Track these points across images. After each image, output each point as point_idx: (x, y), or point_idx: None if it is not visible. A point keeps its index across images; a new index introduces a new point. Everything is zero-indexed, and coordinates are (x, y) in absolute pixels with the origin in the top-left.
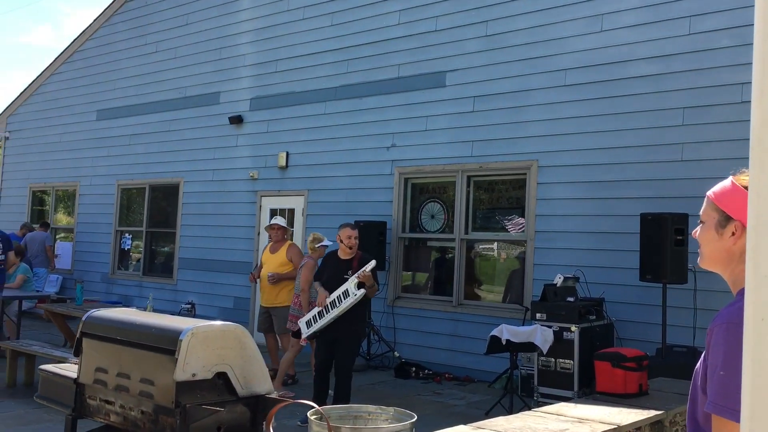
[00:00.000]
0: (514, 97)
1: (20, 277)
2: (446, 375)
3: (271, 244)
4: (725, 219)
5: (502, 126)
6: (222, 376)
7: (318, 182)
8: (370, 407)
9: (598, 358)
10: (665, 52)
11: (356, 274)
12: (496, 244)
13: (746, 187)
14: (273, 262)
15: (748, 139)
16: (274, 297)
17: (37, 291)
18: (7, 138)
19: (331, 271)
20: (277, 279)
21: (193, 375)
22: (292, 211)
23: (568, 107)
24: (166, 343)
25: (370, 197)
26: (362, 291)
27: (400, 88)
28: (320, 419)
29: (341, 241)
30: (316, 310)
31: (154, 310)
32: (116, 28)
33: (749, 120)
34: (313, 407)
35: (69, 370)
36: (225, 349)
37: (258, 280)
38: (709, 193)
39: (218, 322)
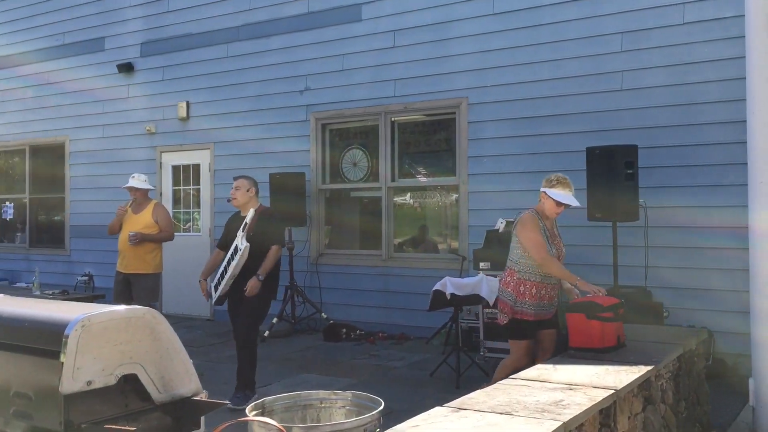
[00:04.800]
0: (438, 29)
1: None
2: (380, 334)
3: (132, 203)
4: None
5: (427, 62)
6: (131, 379)
7: (224, 133)
8: (321, 393)
9: (571, 309)
10: None
11: (241, 231)
12: (425, 190)
13: None
14: (136, 223)
15: (693, 63)
16: (137, 261)
17: None
18: None
19: (228, 228)
20: (140, 238)
21: (89, 383)
22: (197, 167)
23: (497, 38)
24: (46, 342)
25: (285, 147)
26: (245, 245)
27: (312, 25)
28: (262, 414)
29: None
30: (218, 272)
31: (42, 286)
32: None
33: (693, 42)
34: (261, 422)
35: None
36: (132, 342)
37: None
38: None
39: (120, 307)
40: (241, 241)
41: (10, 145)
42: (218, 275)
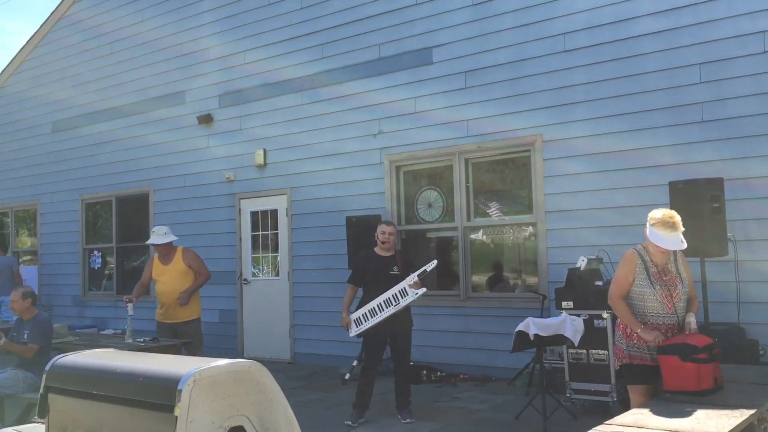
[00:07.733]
0: (510, 68)
1: None
2: (461, 375)
3: (158, 255)
4: None
5: (500, 101)
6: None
7: (301, 179)
8: None
9: (663, 351)
10: (673, 5)
11: (414, 277)
12: (502, 229)
13: None
14: (171, 272)
15: None
16: (184, 311)
17: (6, 321)
18: None
19: (375, 269)
20: (187, 298)
21: None
22: (274, 212)
23: (571, 74)
24: (159, 396)
25: (360, 190)
26: (423, 290)
27: (383, 70)
28: None
29: (377, 238)
30: (366, 309)
31: (134, 332)
32: (65, 32)
33: None
34: None
35: None
36: (239, 395)
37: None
38: None
39: (224, 361)
40: (410, 288)
41: (99, 196)
42: (365, 311)
